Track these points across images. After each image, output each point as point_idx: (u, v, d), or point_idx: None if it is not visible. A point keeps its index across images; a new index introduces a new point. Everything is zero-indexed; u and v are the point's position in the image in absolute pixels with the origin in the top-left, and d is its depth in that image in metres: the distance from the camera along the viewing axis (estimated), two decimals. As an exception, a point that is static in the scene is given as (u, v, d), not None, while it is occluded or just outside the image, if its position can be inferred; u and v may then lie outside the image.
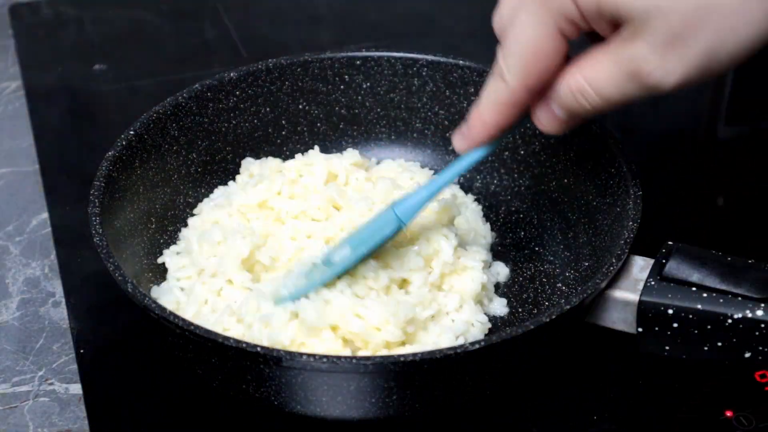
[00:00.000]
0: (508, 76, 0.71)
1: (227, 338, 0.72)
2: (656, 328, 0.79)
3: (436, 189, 0.82)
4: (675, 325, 0.78)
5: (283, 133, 1.00)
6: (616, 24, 0.67)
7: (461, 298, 0.85)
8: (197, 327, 0.73)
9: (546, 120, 0.74)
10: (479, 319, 0.85)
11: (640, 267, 0.81)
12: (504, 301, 0.89)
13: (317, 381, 0.74)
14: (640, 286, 0.79)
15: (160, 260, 0.89)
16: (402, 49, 1.00)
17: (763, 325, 0.76)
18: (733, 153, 1.12)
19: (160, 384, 0.84)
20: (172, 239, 0.93)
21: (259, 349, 0.72)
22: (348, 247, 0.83)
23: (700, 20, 0.65)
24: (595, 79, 0.69)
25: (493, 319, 0.87)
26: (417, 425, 0.80)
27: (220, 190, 0.96)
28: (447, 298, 0.85)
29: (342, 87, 1.00)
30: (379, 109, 1.01)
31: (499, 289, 0.90)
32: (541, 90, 0.72)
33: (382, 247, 0.84)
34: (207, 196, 0.96)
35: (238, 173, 0.97)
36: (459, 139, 0.79)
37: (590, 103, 0.70)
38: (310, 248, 0.88)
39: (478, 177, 1.00)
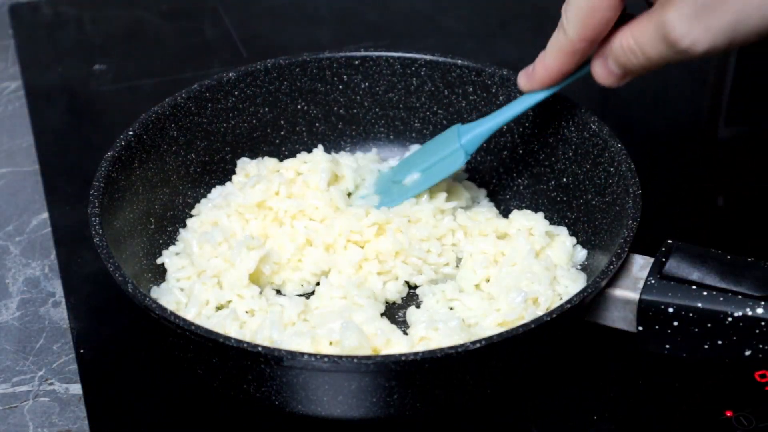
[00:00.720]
0: (567, 28, 0.79)
1: (228, 338, 0.72)
2: (656, 327, 0.79)
3: (500, 122, 0.89)
4: (675, 323, 0.78)
5: (282, 133, 1.00)
6: None
7: (562, 267, 0.88)
8: (198, 327, 0.73)
9: (602, 73, 0.80)
10: (578, 278, 0.87)
11: (640, 266, 0.81)
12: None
13: (318, 381, 0.74)
14: (641, 284, 0.79)
15: (159, 260, 0.89)
16: (401, 49, 1.00)
17: (763, 323, 0.76)
18: (733, 153, 1.12)
19: (160, 384, 0.84)
20: (171, 240, 0.93)
21: (260, 348, 0.72)
22: (418, 173, 0.92)
23: None
24: (640, 39, 0.75)
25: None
26: (417, 425, 0.80)
27: (217, 190, 0.96)
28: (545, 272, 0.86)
29: (341, 87, 1.00)
30: (377, 109, 1.01)
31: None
32: (600, 44, 0.80)
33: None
34: (205, 196, 0.96)
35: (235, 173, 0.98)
36: (524, 79, 0.87)
37: (638, 61, 0.77)
38: (310, 254, 0.88)
39: (476, 176, 1.00)
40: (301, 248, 0.89)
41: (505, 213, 0.96)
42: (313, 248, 0.89)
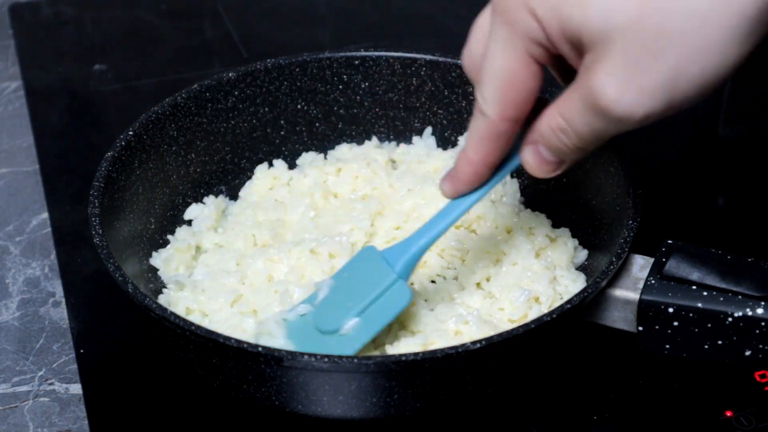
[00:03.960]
0: (486, 108, 0.69)
1: (228, 338, 0.72)
2: (656, 327, 0.79)
3: (431, 239, 0.79)
4: (675, 323, 0.78)
5: (282, 133, 1.00)
6: (579, 49, 0.64)
7: (562, 267, 0.87)
8: (198, 327, 0.73)
9: (533, 162, 0.71)
10: (578, 278, 0.86)
11: (640, 266, 0.81)
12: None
13: (318, 381, 0.74)
14: (641, 284, 0.79)
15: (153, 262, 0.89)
16: (401, 48, 1.00)
17: (763, 324, 0.76)
18: (733, 153, 1.12)
19: (160, 384, 0.84)
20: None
21: (260, 349, 0.72)
22: (355, 317, 0.79)
23: (661, 46, 0.61)
24: (568, 114, 0.66)
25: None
26: (417, 425, 0.80)
27: (212, 202, 0.95)
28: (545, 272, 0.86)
29: (341, 87, 1.00)
30: (377, 109, 1.01)
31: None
32: (527, 130, 0.71)
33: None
34: (206, 195, 0.96)
35: (242, 174, 0.98)
36: (447, 185, 0.76)
37: (570, 141, 0.68)
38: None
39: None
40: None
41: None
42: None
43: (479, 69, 0.70)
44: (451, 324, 0.81)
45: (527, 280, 0.85)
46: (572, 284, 0.85)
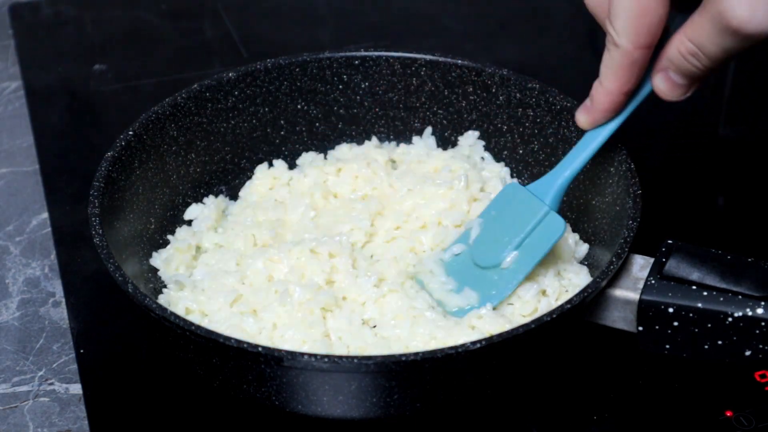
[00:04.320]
0: (620, 39, 0.75)
1: (228, 338, 0.72)
2: (657, 327, 0.79)
3: (575, 171, 0.84)
4: (675, 323, 0.78)
5: (282, 133, 1.00)
6: None
7: (564, 261, 0.88)
8: (198, 327, 0.73)
9: (665, 87, 0.77)
10: (581, 271, 0.87)
11: (640, 266, 0.81)
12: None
13: (318, 381, 0.74)
14: (641, 284, 0.79)
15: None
16: (401, 48, 1.00)
17: (763, 324, 0.76)
18: (733, 153, 1.12)
19: (160, 384, 0.84)
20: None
21: (260, 349, 0.72)
22: (514, 250, 0.83)
23: None
24: (698, 38, 0.71)
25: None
26: (417, 425, 0.80)
27: (213, 202, 0.96)
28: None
29: (340, 87, 1.00)
30: (377, 109, 1.01)
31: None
32: (654, 53, 0.76)
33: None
34: (206, 196, 0.96)
35: (242, 174, 0.98)
36: (584, 116, 0.82)
37: (701, 63, 0.73)
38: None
39: (477, 177, 1.00)
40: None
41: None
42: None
43: (605, 7, 0.76)
44: (466, 318, 0.81)
45: (532, 273, 0.85)
46: (576, 276, 0.86)
